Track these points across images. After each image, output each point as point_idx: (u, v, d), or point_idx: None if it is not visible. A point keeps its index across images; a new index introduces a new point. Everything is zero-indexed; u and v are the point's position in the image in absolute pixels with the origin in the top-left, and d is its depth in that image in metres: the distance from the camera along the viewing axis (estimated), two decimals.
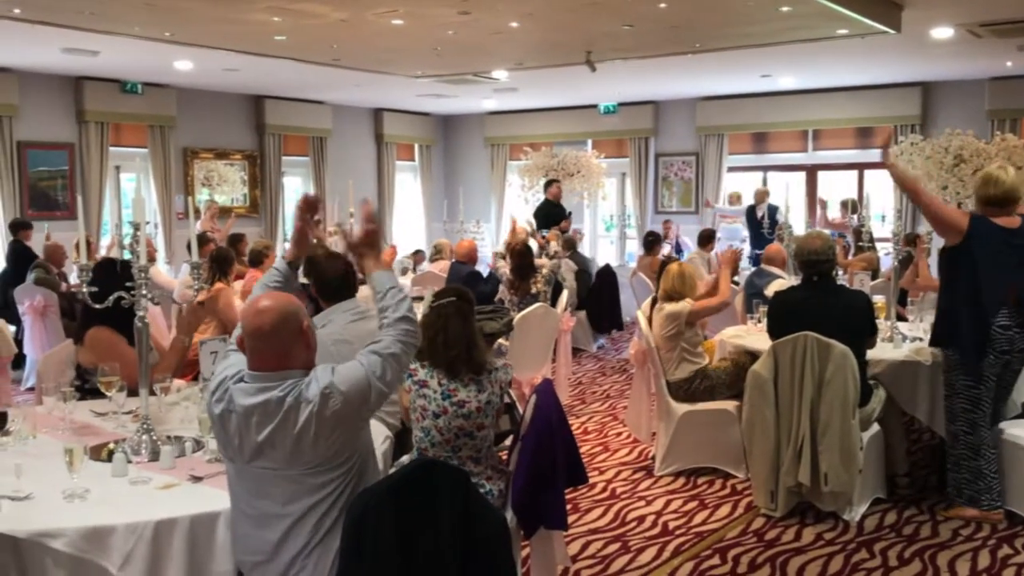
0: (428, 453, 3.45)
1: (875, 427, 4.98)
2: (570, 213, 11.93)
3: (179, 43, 9.08)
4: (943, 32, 8.83)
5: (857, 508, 4.80)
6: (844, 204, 10.66)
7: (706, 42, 9.25)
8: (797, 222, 9.04)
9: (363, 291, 4.24)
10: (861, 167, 13.11)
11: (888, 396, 5.09)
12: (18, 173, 10.90)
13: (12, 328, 7.48)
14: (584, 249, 13.07)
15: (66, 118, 11.39)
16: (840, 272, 6.92)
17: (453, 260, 9.30)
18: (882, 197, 10.94)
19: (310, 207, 3.12)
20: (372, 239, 2.89)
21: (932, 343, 4.97)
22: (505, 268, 8.01)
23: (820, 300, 4.91)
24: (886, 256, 7.97)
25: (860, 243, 8.15)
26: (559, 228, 11.11)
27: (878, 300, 5.75)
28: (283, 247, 13.59)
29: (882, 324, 5.41)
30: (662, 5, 7.60)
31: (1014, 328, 4.63)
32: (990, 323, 4.61)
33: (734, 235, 12.44)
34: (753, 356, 5.29)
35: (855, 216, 10.01)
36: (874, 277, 7.45)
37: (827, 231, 7.72)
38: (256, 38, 8.84)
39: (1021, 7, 7.77)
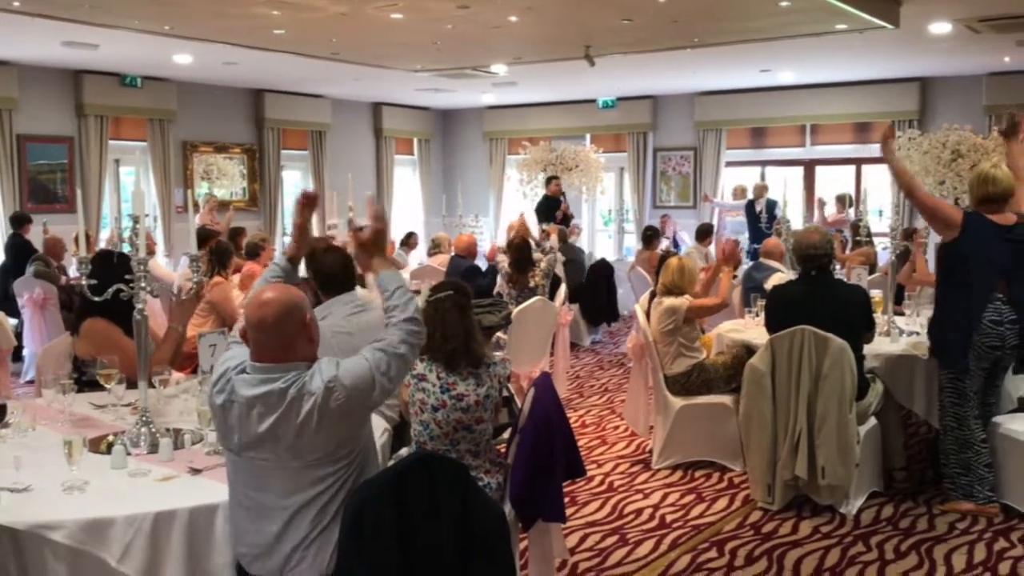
0: (427, 446, 3.47)
1: (872, 421, 5.00)
2: (563, 194, 12.14)
3: (178, 37, 9.07)
4: (941, 27, 8.83)
5: (854, 501, 4.81)
6: (840, 199, 10.66)
7: (705, 37, 9.25)
8: (795, 217, 9.04)
9: (361, 292, 4.26)
10: (859, 162, 13.11)
11: (885, 390, 5.11)
12: (18, 166, 10.89)
13: (12, 321, 7.49)
14: (583, 243, 13.07)
15: (65, 111, 11.39)
16: (838, 267, 6.93)
17: (452, 254, 9.31)
18: (880, 192, 10.96)
19: (309, 203, 3.18)
20: (381, 239, 2.96)
21: (928, 336, 5.02)
22: (504, 262, 8.02)
23: (818, 294, 4.93)
24: (884, 251, 7.99)
25: (858, 238, 8.15)
26: (560, 211, 11.19)
27: (875, 295, 5.76)
28: (283, 241, 13.68)
29: (879, 318, 5.43)
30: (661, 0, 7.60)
31: (1005, 324, 4.66)
32: (980, 317, 4.65)
33: (741, 230, 12.37)
34: (750, 350, 5.30)
35: (851, 210, 10.01)
36: (871, 272, 7.46)
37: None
38: (255, 32, 8.84)
39: (1019, 2, 7.77)
